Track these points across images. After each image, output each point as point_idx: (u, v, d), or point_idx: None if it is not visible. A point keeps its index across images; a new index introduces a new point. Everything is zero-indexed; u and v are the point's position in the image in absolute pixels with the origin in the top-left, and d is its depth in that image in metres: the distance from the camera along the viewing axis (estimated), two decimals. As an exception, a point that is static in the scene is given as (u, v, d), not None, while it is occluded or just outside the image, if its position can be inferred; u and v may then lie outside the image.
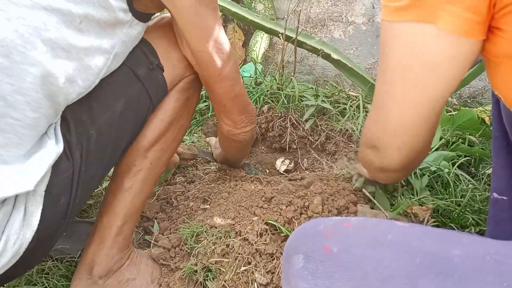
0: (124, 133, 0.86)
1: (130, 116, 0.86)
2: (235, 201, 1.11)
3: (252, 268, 0.94)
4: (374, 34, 2.00)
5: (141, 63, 0.87)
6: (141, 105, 0.88)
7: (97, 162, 0.81)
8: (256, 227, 1.01)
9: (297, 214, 1.07)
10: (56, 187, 0.73)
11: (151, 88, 0.88)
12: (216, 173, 1.37)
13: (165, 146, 0.97)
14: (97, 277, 0.94)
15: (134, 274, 0.98)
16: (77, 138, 0.77)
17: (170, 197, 1.29)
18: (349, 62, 1.65)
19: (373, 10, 1.97)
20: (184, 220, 1.13)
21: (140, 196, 0.95)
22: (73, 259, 1.07)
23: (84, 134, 0.78)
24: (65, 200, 0.75)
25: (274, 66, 2.10)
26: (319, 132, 1.57)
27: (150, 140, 0.93)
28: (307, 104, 1.60)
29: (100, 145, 0.80)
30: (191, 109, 1.02)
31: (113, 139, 0.83)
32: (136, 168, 0.93)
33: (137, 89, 0.86)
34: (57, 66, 0.68)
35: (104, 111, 0.81)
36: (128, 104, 0.85)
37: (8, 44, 0.62)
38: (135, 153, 0.93)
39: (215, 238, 1.00)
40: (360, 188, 1.20)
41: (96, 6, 0.71)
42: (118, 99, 0.83)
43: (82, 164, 0.77)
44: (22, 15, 0.63)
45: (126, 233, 0.95)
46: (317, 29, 2.14)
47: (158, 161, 0.96)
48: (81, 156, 0.77)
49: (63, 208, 0.75)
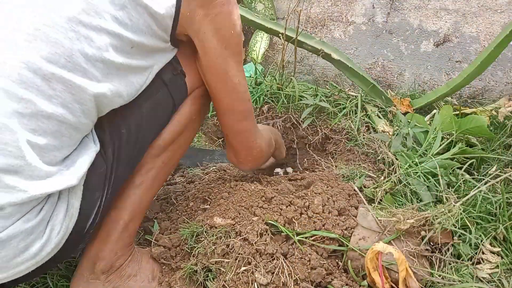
0: (149, 133, 0.93)
1: (156, 118, 0.93)
2: (235, 201, 1.11)
3: (252, 268, 0.94)
4: (374, 34, 2.00)
5: (167, 68, 0.92)
6: (165, 107, 0.95)
7: (126, 160, 0.87)
8: (256, 227, 1.01)
9: (297, 214, 1.07)
10: (92, 182, 0.79)
11: (175, 92, 0.95)
12: (216, 173, 1.37)
13: (177, 147, 1.01)
14: (100, 272, 0.94)
15: (135, 271, 0.99)
16: (110, 137, 0.82)
17: (170, 197, 1.29)
18: (349, 62, 1.65)
19: (373, 10, 1.97)
20: (184, 220, 1.13)
21: (148, 194, 0.99)
22: (73, 259, 1.07)
23: (116, 133, 0.84)
24: (99, 195, 0.81)
25: (274, 66, 2.10)
26: (319, 132, 1.57)
27: (166, 140, 0.97)
28: (306, 104, 1.60)
29: (129, 144, 0.86)
30: (203, 114, 1.08)
31: (140, 139, 0.89)
32: (148, 166, 0.97)
33: (162, 92, 0.92)
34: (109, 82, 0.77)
35: (133, 112, 0.86)
36: (154, 106, 0.91)
37: (75, 61, 0.70)
38: (150, 152, 0.97)
39: (215, 238, 1.00)
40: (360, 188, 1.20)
41: (147, 36, 0.81)
42: (145, 101, 0.89)
43: (114, 162, 0.83)
44: (90, 36, 0.71)
45: (131, 230, 0.97)
46: (317, 29, 2.14)
47: (169, 160, 1.00)
48: (113, 154, 0.83)
49: (97, 203, 0.81)
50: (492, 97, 1.77)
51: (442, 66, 1.87)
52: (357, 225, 1.07)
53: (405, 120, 1.45)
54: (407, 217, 1.03)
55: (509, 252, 0.99)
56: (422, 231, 1.03)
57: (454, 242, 1.02)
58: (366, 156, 1.42)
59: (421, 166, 1.23)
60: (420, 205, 1.11)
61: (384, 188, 1.20)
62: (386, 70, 2.01)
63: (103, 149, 0.82)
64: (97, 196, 0.81)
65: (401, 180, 1.22)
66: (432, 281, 0.95)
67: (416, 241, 1.02)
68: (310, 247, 1.02)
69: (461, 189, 1.16)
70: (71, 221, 0.75)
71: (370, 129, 1.57)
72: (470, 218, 1.05)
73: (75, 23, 0.69)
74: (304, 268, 0.97)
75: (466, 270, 0.96)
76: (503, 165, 1.25)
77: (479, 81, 1.79)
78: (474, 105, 1.78)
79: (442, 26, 1.83)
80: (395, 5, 1.92)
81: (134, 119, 0.87)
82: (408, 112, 1.65)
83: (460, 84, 1.56)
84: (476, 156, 1.29)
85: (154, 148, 0.96)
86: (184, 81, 0.97)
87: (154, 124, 0.94)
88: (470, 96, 1.83)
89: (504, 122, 1.43)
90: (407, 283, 0.91)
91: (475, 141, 1.41)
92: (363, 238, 1.04)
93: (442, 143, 1.32)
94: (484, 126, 1.31)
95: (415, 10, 1.88)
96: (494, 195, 1.08)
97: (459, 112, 1.57)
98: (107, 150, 0.82)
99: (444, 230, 1.03)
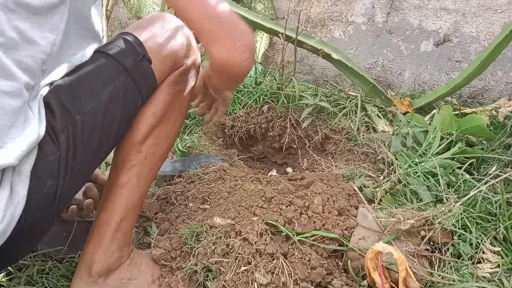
0: (112, 123, 0.87)
1: (117, 106, 0.87)
2: (235, 201, 1.11)
3: (252, 268, 0.94)
4: (374, 34, 2.00)
5: (128, 54, 0.88)
6: (129, 96, 0.88)
7: (86, 149, 0.82)
8: (256, 227, 1.01)
9: (297, 214, 1.07)
10: (41, 169, 0.74)
11: (139, 79, 0.89)
12: (216, 173, 1.37)
13: (159, 141, 0.97)
14: (97, 275, 0.93)
15: (135, 275, 0.98)
16: (61, 123, 0.78)
17: (170, 197, 1.29)
18: (349, 62, 1.65)
19: (373, 10, 1.97)
20: (184, 220, 1.13)
21: (137, 191, 0.96)
22: (73, 259, 1.07)
23: (69, 120, 0.79)
24: (52, 183, 0.76)
25: (274, 66, 2.10)
26: (319, 132, 1.57)
27: (142, 134, 0.94)
28: (306, 104, 1.60)
29: (87, 132, 0.81)
30: (184, 102, 1.01)
31: (100, 127, 0.84)
32: (130, 163, 0.94)
33: (123, 79, 0.87)
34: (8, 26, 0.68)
35: (90, 100, 0.82)
36: (115, 94, 0.85)
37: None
38: (129, 147, 0.94)
39: (215, 238, 1.00)
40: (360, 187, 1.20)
41: None
42: (104, 89, 0.84)
43: (69, 150, 0.78)
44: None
45: (125, 229, 0.95)
46: (317, 29, 2.14)
47: (153, 155, 0.96)
48: (67, 141, 0.78)
49: (51, 191, 0.76)
50: (492, 97, 1.78)
51: (442, 66, 1.87)
52: (357, 225, 1.07)
53: (405, 120, 1.45)
54: (407, 217, 1.03)
55: (509, 252, 0.99)
56: (422, 231, 1.03)
57: (454, 242, 1.02)
58: (366, 156, 1.42)
59: (421, 166, 1.23)
60: (420, 205, 1.11)
61: (384, 188, 1.20)
62: (386, 70, 2.01)
63: (55, 135, 0.77)
64: (49, 184, 0.76)
65: (401, 180, 1.22)
66: (432, 281, 0.95)
67: (416, 241, 1.02)
68: (310, 247, 1.02)
69: (461, 189, 1.16)
70: (17, 209, 0.71)
71: (370, 129, 1.57)
72: (470, 218, 1.05)
73: None
74: (304, 268, 0.97)
75: (466, 269, 0.96)
76: (503, 165, 1.25)
77: (479, 81, 1.79)
78: (474, 105, 1.78)
79: (442, 26, 1.83)
80: (395, 5, 1.92)
81: (91, 106, 0.82)
82: (408, 112, 1.65)
83: (460, 84, 1.56)
84: (476, 156, 1.29)
85: (133, 143, 0.94)
86: (150, 67, 0.90)
87: (117, 113, 0.87)
88: (470, 96, 1.83)
89: (504, 122, 1.43)
90: (407, 283, 0.91)
91: (475, 141, 1.41)
92: (363, 238, 1.04)
93: (442, 143, 1.32)
94: (484, 126, 1.31)
95: (415, 10, 1.88)
96: (494, 195, 1.08)
97: (459, 112, 1.56)
98: (59, 136, 0.77)
99: (444, 230, 1.03)
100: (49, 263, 1.06)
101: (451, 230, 1.03)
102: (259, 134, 1.63)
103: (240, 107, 1.77)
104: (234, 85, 1.18)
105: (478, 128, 1.33)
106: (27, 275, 1.04)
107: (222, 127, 1.73)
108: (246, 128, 1.65)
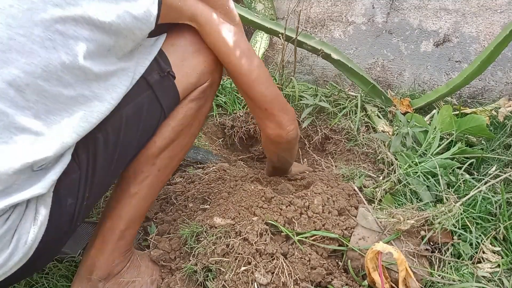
0: (132, 139, 0.86)
1: (138, 122, 0.86)
2: (235, 201, 1.11)
3: (252, 268, 0.94)
4: (374, 34, 2.00)
5: (153, 70, 0.87)
6: (151, 112, 0.88)
7: (105, 166, 0.82)
8: (256, 227, 1.01)
9: (297, 214, 1.07)
10: (63, 188, 0.74)
11: (162, 96, 0.88)
12: (216, 173, 1.37)
13: (173, 154, 0.96)
14: (97, 280, 0.94)
15: (134, 277, 0.98)
16: (83, 141, 0.76)
17: (170, 197, 1.29)
18: (349, 62, 1.65)
19: (373, 10, 1.97)
20: (184, 220, 1.13)
21: (145, 202, 0.95)
22: (73, 259, 1.07)
23: (91, 137, 0.78)
24: (72, 202, 0.76)
25: (274, 66, 2.10)
26: (319, 132, 1.57)
27: (159, 147, 0.93)
28: (306, 104, 1.60)
29: (107, 149, 0.81)
30: (202, 118, 1.02)
31: (120, 144, 0.83)
32: (143, 175, 0.93)
33: (146, 95, 0.86)
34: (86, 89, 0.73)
35: (111, 116, 0.80)
36: (137, 110, 0.85)
37: (51, 70, 0.66)
38: (144, 160, 0.92)
39: (215, 238, 1.00)
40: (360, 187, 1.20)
41: (127, 39, 0.76)
42: (126, 104, 0.83)
43: (89, 168, 0.78)
44: (67, 44, 0.67)
45: (128, 238, 0.95)
46: (317, 29, 2.14)
47: (165, 168, 0.96)
48: (87, 159, 0.78)
49: (70, 210, 0.76)
50: (492, 97, 1.78)
51: (442, 66, 1.87)
52: (357, 225, 1.07)
53: (405, 120, 1.45)
54: (407, 217, 1.03)
55: (509, 252, 0.99)
56: (422, 231, 1.03)
57: (454, 242, 1.02)
58: (366, 156, 1.42)
59: (421, 166, 1.23)
60: (420, 205, 1.11)
61: (384, 188, 1.20)
62: (386, 70, 2.01)
63: (76, 154, 0.76)
64: (70, 203, 0.76)
65: (401, 180, 1.22)
66: (432, 281, 0.95)
67: (416, 241, 1.02)
68: (310, 247, 1.02)
69: (461, 189, 1.16)
70: (40, 229, 0.71)
71: (370, 129, 1.57)
72: (470, 218, 1.05)
73: (52, 31, 0.65)
74: (304, 268, 0.97)
75: (466, 269, 0.96)
76: (503, 165, 1.25)
77: (479, 81, 1.79)
78: (474, 105, 1.78)
79: (442, 26, 1.83)
80: (395, 5, 1.92)
81: (112, 123, 0.81)
82: (408, 112, 1.65)
83: (460, 84, 1.56)
84: (476, 156, 1.29)
85: (148, 155, 0.92)
86: (173, 83, 0.90)
87: (138, 130, 0.87)
88: (470, 96, 1.83)
89: (503, 122, 1.43)
90: (407, 283, 0.91)
91: (475, 141, 1.41)
92: (363, 238, 1.04)
93: (442, 143, 1.32)
94: (483, 126, 1.31)
95: (415, 10, 1.88)
96: (494, 195, 1.08)
97: (459, 112, 1.57)
98: (80, 155, 0.77)
99: (444, 230, 1.03)
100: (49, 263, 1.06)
101: (451, 230, 1.03)
102: (259, 134, 1.63)
103: (240, 107, 1.77)
104: (287, 152, 1.22)
105: (478, 128, 1.33)
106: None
107: (222, 127, 1.73)
108: (246, 128, 1.65)
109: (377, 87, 1.68)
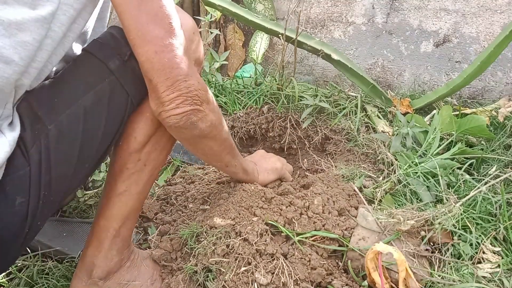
0: (96, 129, 0.79)
1: (102, 111, 0.78)
2: (235, 201, 1.11)
3: (252, 268, 0.94)
4: (374, 34, 2.00)
5: (114, 53, 0.79)
6: (116, 100, 0.80)
7: (63, 160, 0.74)
8: (256, 227, 1.01)
9: (298, 215, 1.07)
10: (9, 185, 0.68)
11: (127, 81, 0.81)
12: (216, 173, 1.37)
13: (159, 146, 0.91)
14: (97, 278, 0.93)
15: (134, 276, 0.97)
16: (32, 134, 0.71)
17: (170, 197, 1.29)
18: (349, 62, 1.65)
19: (373, 11, 1.98)
20: (184, 221, 1.13)
21: (136, 198, 0.92)
22: (73, 259, 1.07)
23: (41, 130, 0.72)
24: (23, 200, 0.70)
25: (274, 67, 2.10)
26: (319, 132, 1.57)
27: (140, 142, 0.88)
28: (306, 104, 1.60)
29: (63, 142, 0.74)
30: None
31: (81, 135, 0.76)
32: (128, 172, 0.89)
33: (108, 82, 0.79)
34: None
35: (67, 107, 0.74)
36: (98, 99, 0.78)
37: None
38: (127, 156, 0.89)
39: (215, 239, 1.00)
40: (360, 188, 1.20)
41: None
42: (85, 93, 0.76)
43: (41, 162, 0.71)
44: None
45: (124, 234, 0.94)
46: (317, 29, 2.14)
47: (153, 161, 0.91)
48: (39, 153, 0.71)
49: (22, 208, 0.70)
50: (492, 97, 1.78)
51: (442, 67, 1.87)
52: (357, 225, 1.07)
53: (405, 120, 1.45)
54: (407, 217, 1.03)
55: (509, 252, 0.99)
56: (422, 231, 1.03)
57: (454, 242, 1.02)
58: (366, 156, 1.42)
59: (421, 166, 1.23)
60: (420, 205, 1.11)
61: (384, 189, 1.20)
62: (386, 70, 2.01)
63: (25, 148, 0.70)
64: (20, 202, 0.69)
65: (401, 180, 1.22)
66: (432, 281, 0.95)
67: (416, 241, 1.02)
68: (310, 248, 1.02)
69: (461, 189, 1.16)
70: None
71: (370, 129, 1.57)
72: (470, 218, 1.05)
73: None
74: (304, 268, 0.97)
75: (466, 270, 0.96)
76: (503, 165, 1.25)
77: (479, 81, 1.79)
78: (474, 106, 1.78)
79: (442, 26, 1.83)
80: (395, 5, 1.92)
81: (69, 115, 0.74)
82: (408, 112, 1.65)
83: (460, 84, 1.56)
84: (476, 156, 1.29)
85: (130, 151, 0.88)
86: (139, 68, 0.78)
87: (102, 120, 0.79)
88: (470, 97, 1.83)
89: (504, 122, 1.43)
90: (407, 283, 0.91)
91: (475, 141, 1.41)
92: (363, 238, 1.04)
93: (442, 143, 1.32)
94: (483, 126, 1.31)
95: (415, 11, 1.88)
96: (494, 196, 1.08)
97: (459, 112, 1.57)
98: (29, 149, 0.70)
99: (444, 230, 1.03)
100: (49, 263, 1.06)
101: (451, 231, 1.03)
102: (259, 134, 1.63)
103: (240, 107, 1.77)
104: (274, 175, 1.24)
105: (478, 129, 1.33)
106: (27, 276, 1.04)
107: (222, 127, 1.73)
108: (246, 128, 1.65)
109: (377, 87, 1.68)
